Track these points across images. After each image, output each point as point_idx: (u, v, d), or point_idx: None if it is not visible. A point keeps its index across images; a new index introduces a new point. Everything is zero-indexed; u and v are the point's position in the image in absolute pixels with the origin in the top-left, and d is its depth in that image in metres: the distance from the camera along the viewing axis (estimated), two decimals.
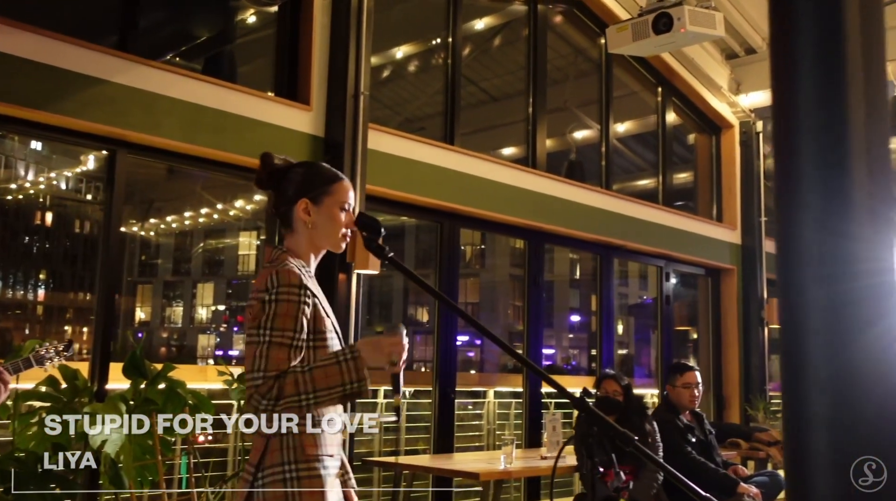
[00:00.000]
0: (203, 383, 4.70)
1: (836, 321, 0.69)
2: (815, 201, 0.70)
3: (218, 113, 4.22)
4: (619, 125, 8.31)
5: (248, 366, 1.75)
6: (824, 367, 0.68)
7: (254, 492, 1.76)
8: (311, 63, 4.61)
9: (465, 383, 7.48)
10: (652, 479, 4.14)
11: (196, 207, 13.35)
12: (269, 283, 1.83)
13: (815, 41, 0.72)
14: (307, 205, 1.97)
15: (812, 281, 0.69)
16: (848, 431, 0.67)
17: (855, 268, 0.69)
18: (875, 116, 0.71)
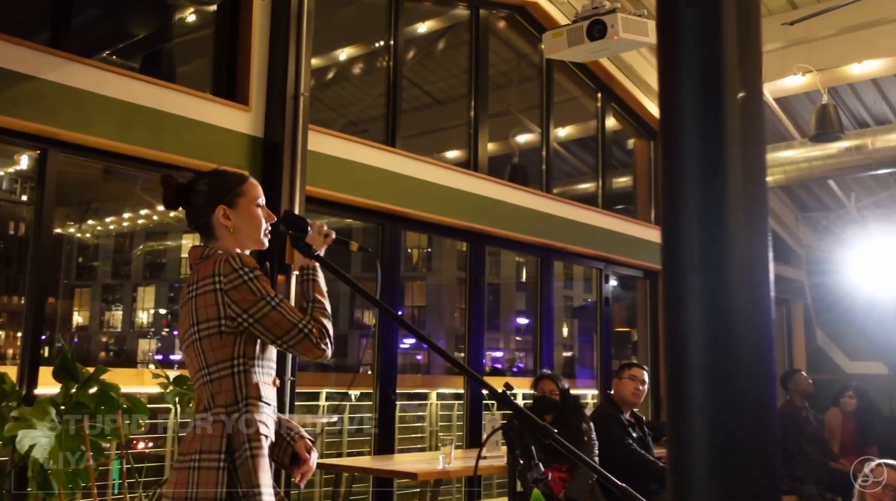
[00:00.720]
0: (139, 387, 4.62)
1: (713, 307, 0.74)
2: (695, 196, 0.74)
3: (154, 112, 4.16)
4: (561, 130, 8.43)
5: (285, 326, 1.91)
6: (702, 342, 0.73)
7: (224, 475, 1.84)
8: (251, 63, 4.59)
9: (409, 385, 7.49)
10: (587, 476, 4.22)
11: (135, 208, 13.08)
12: (229, 267, 1.91)
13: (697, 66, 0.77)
14: (225, 210, 2.03)
15: (690, 268, 0.73)
16: (725, 413, 0.72)
17: (730, 257, 0.74)
18: (749, 127, 0.76)
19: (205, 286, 1.93)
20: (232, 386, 1.91)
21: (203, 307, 1.92)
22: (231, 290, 1.90)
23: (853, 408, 6.70)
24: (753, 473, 0.73)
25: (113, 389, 3.72)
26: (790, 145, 7.60)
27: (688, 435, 0.74)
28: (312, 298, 2.00)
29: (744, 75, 0.77)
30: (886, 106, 7.72)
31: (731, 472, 0.72)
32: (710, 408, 0.73)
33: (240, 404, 1.90)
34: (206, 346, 1.93)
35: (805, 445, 6.13)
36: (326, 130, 5.02)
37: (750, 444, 0.73)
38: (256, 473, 1.87)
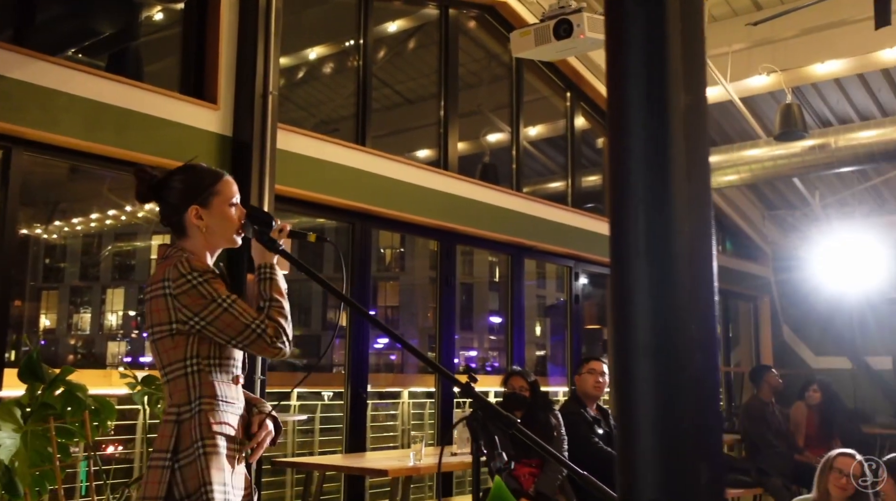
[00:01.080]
0: (108, 388, 4.58)
1: (659, 291, 0.76)
2: (641, 183, 0.77)
3: (121, 111, 4.13)
4: (531, 129, 8.49)
5: (237, 327, 1.90)
6: (648, 325, 0.75)
7: (174, 476, 1.85)
8: (219, 62, 4.57)
9: (381, 384, 7.50)
10: (556, 471, 4.27)
11: (103, 208, 12.92)
12: (177, 272, 1.91)
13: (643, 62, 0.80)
14: (198, 211, 2.01)
15: (636, 255, 0.76)
16: (670, 391, 0.75)
17: (674, 244, 0.76)
18: (693, 122, 0.79)
19: (156, 291, 1.94)
20: (185, 386, 1.92)
21: (156, 311, 1.93)
22: (180, 295, 1.90)
23: (817, 402, 6.83)
24: (698, 448, 0.76)
25: (80, 389, 3.68)
26: (756, 144, 7.72)
27: (635, 414, 0.77)
28: (270, 297, 1.99)
29: (687, 73, 0.80)
30: (849, 105, 7.88)
31: (676, 448, 0.75)
32: (656, 387, 0.76)
33: (192, 403, 1.91)
34: (160, 347, 1.95)
35: (771, 438, 6.23)
36: (296, 128, 5.02)
37: (694, 421, 0.76)
38: (208, 470, 1.86)
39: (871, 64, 6.70)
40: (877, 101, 7.74)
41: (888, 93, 7.58)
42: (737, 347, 10.49)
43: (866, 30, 5.72)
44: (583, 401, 4.76)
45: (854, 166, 7.51)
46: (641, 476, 0.75)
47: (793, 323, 10.21)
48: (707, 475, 0.75)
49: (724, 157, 7.94)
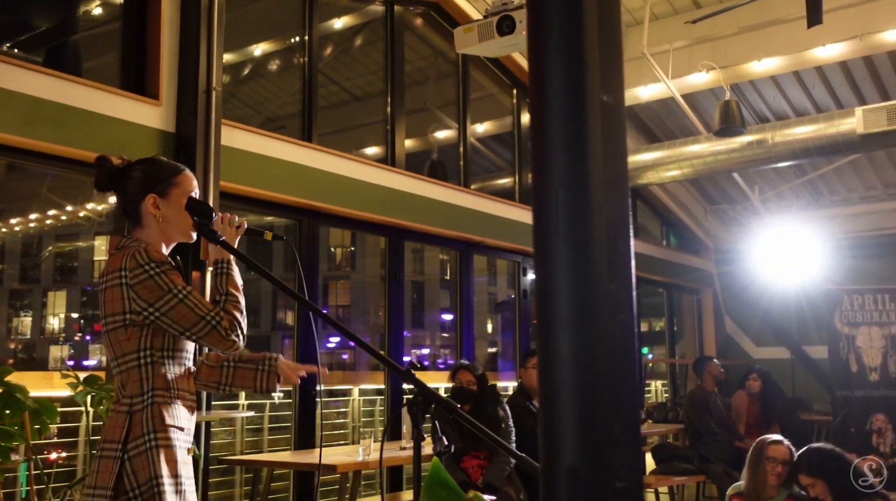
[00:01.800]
0: (49, 390, 4.49)
1: (578, 268, 0.80)
2: (561, 167, 0.80)
3: (59, 106, 4.05)
4: (479, 126, 8.56)
5: (192, 319, 1.90)
6: (569, 305, 0.79)
7: (123, 466, 1.84)
8: (160, 57, 4.51)
9: (330, 381, 7.47)
10: (504, 462, 4.32)
11: (42, 209, 12.59)
12: (134, 261, 1.91)
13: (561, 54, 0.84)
14: (155, 199, 2.02)
15: (556, 235, 0.79)
16: (589, 366, 0.78)
17: (593, 225, 0.80)
18: (610, 110, 0.83)
19: (112, 280, 1.93)
20: (138, 377, 1.92)
21: (110, 301, 1.93)
22: (137, 285, 1.90)
23: (757, 390, 7.04)
24: (616, 418, 0.80)
25: (19, 391, 3.61)
26: (697, 140, 7.91)
27: (556, 386, 0.80)
28: (226, 291, 2.01)
29: (605, 65, 0.84)
30: (785, 102, 8.12)
31: (595, 418, 0.79)
32: (576, 362, 0.80)
33: (145, 395, 1.91)
34: (113, 339, 1.94)
35: (713, 427, 6.40)
36: (241, 125, 4.98)
37: (612, 394, 0.80)
38: (159, 463, 1.86)
39: (805, 62, 6.92)
40: (811, 98, 7.99)
41: (822, 90, 7.84)
42: (681, 339, 10.73)
43: (800, 28, 5.91)
44: (529, 394, 4.83)
45: (791, 161, 7.74)
46: (562, 444, 0.79)
47: (734, 315, 10.48)
48: (625, 445, 0.79)
49: (666, 152, 8.11)
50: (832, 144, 7.12)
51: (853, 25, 6.34)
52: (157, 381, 1.92)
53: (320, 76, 8.62)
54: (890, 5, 6.28)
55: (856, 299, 7.72)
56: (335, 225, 6.12)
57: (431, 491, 1.23)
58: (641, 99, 7.72)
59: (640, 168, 8.33)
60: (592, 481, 0.78)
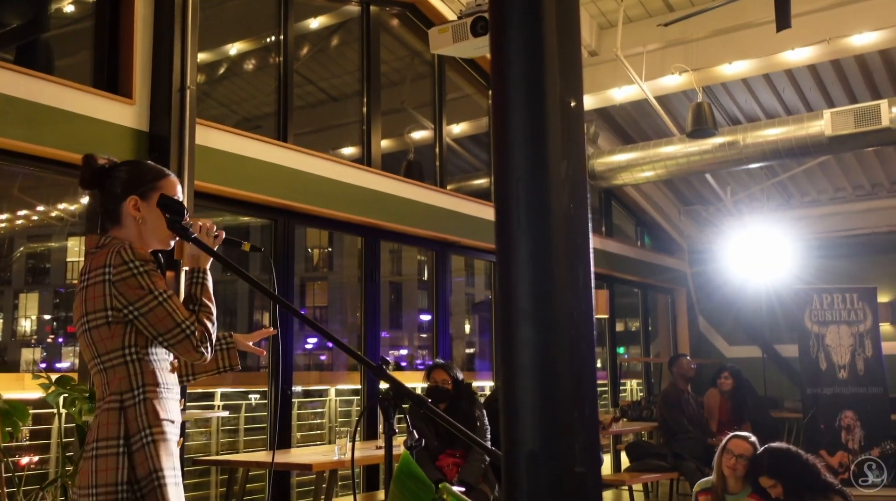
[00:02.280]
0: (20, 392, 4.44)
1: (537, 259, 0.83)
2: (522, 164, 0.83)
3: (30, 104, 4.02)
4: (455, 126, 8.59)
5: (168, 324, 1.91)
6: (529, 295, 0.82)
7: (124, 459, 1.86)
8: (134, 56, 4.49)
9: (307, 382, 7.47)
10: (480, 461, 4.35)
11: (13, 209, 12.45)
12: (119, 258, 1.91)
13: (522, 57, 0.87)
14: (136, 201, 2.04)
15: (517, 228, 0.82)
16: (548, 354, 0.81)
17: (552, 219, 0.83)
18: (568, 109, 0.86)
19: (96, 277, 1.94)
20: (126, 374, 1.93)
21: (93, 298, 1.93)
22: (119, 282, 1.91)
23: (729, 388, 7.14)
24: (574, 405, 0.83)
25: None
26: (670, 141, 8.00)
27: (516, 373, 0.83)
28: (199, 301, 2.02)
29: (563, 67, 0.87)
30: (756, 104, 8.24)
31: (554, 405, 0.82)
32: (535, 350, 0.83)
33: (135, 390, 1.92)
34: (95, 336, 1.94)
35: (686, 424, 6.48)
36: (216, 124, 4.96)
37: (571, 380, 0.83)
38: (158, 457, 1.89)
39: (775, 65, 7.03)
40: (781, 100, 8.12)
41: (792, 93, 7.96)
42: (656, 338, 10.83)
43: (771, 32, 6.00)
44: None
45: (762, 163, 7.86)
46: (521, 430, 0.82)
47: (708, 314, 10.61)
48: (583, 431, 0.82)
49: (640, 153, 8.20)
50: (801, 146, 7.24)
51: (821, 30, 6.46)
52: (147, 376, 1.93)
53: (296, 76, 8.59)
54: (857, 11, 6.40)
55: (825, 299, 7.85)
56: (311, 225, 6.12)
57: (401, 483, 1.25)
58: (615, 100, 7.80)
59: (615, 169, 8.41)
60: (551, 465, 0.80)
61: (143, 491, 1.85)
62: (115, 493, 1.83)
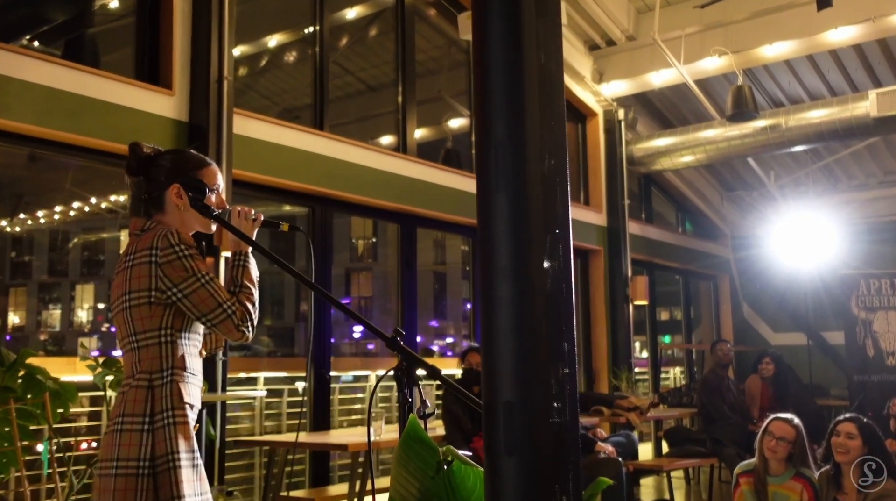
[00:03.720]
0: (72, 375, 4.61)
1: (516, 218, 0.87)
2: (500, 127, 0.87)
3: (75, 97, 4.17)
4: None
5: (210, 304, 1.98)
6: (507, 255, 0.86)
7: (148, 437, 1.92)
8: (173, 48, 4.61)
9: (349, 368, 7.58)
10: None
11: (67, 201, 12.83)
12: (166, 242, 1.99)
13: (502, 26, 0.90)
14: (179, 189, 2.11)
15: (496, 190, 0.87)
16: (525, 310, 0.85)
17: (530, 181, 0.87)
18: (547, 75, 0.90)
19: (141, 258, 2.01)
20: (158, 354, 1.99)
21: (137, 278, 2.00)
22: (165, 264, 1.98)
23: (770, 374, 7.05)
24: (550, 359, 0.87)
25: (40, 372, 3.73)
26: (710, 125, 7.90)
27: (496, 328, 0.87)
28: (241, 283, 2.09)
29: (541, 36, 0.90)
30: (800, 86, 8.08)
31: (531, 358, 0.86)
32: (513, 304, 0.87)
33: (164, 372, 1.98)
34: (135, 315, 2.01)
35: (726, 410, 6.43)
36: (253, 114, 5.07)
37: (547, 335, 0.87)
38: (176, 439, 1.95)
39: (817, 45, 6.89)
40: (826, 81, 7.95)
41: (837, 73, 7.79)
42: (698, 326, 10.72)
43: (812, 12, 5.90)
44: None
45: (805, 146, 7.71)
46: (500, 381, 0.86)
47: (751, 301, 10.46)
48: (559, 384, 0.86)
49: (680, 138, 8.11)
50: (846, 128, 7.09)
51: (865, 8, 6.31)
52: (177, 360, 2.00)
53: (334, 66, 8.69)
54: None
55: (872, 284, 7.68)
56: (347, 212, 6.21)
57: (407, 446, 1.30)
58: (654, 85, 7.73)
59: (654, 154, 8.34)
60: (526, 415, 0.85)
61: (157, 470, 1.92)
62: (137, 468, 1.90)
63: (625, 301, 7.93)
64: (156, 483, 1.93)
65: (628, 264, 8.06)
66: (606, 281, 8.05)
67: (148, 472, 1.92)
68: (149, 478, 1.92)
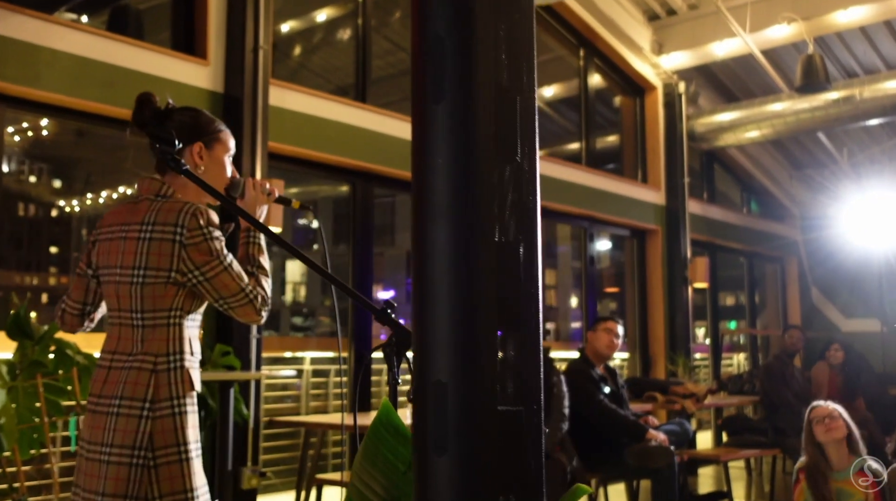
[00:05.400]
0: None
1: (459, 146, 0.66)
2: (445, 25, 0.67)
3: (108, 67, 4.08)
4: (547, 89, 8.31)
5: (233, 288, 1.86)
6: (447, 188, 0.65)
7: (140, 425, 1.78)
8: (208, 17, 4.49)
9: None
10: (555, 428, 4.17)
11: (129, 182, 13.05)
12: (195, 222, 1.86)
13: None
14: (201, 148, 1.99)
15: (435, 102, 0.66)
16: (466, 260, 0.65)
17: (478, 93, 0.66)
18: None
19: (163, 233, 1.86)
20: (166, 336, 1.86)
21: (156, 254, 1.86)
22: (191, 246, 1.85)
23: (839, 361, 6.63)
24: (498, 325, 0.66)
25: (69, 347, 3.67)
26: (778, 98, 7.45)
27: (430, 284, 0.67)
28: (258, 263, 1.97)
29: None
30: (875, 55, 7.55)
31: (471, 324, 0.65)
32: (451, 253, 0.66)
33: (171, 356, 1.85)
34: (146, 292, 1.86)
35: (791, 398, 6.06)
36: (291, 84, 4.93)
37: (494, 294, 0.66)
38: (185, 429, 1.82)
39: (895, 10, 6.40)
40: None
41: None
42: (763, 310, 10.25)
43: None
44: (591, 361, 4.66)
45: (881, 118, 7.21)
46: (430, 356, 0.65)
47: (821, 285, 9.93)
48: (513, 361, 0.65)
49: (745, 112, 7.68)
50: None
51: None
52: (184, 343, 1.88)
53: (387, 42, 8.51)
54: None
55: None
56: (389, 188, 6.03)
57: (377, 435, 1.11)
58: (717, 56, 7.31)
59: (717, 130, 7.93)
60: (465, 401, 0.64)
61: (158, 462, 1.77)
62: (131, 456, 1.77)
63: (683, 284, 7.57)
64: (157, 476, 1.78)
65: (688, 244, 7.69)
66: (664, 263, 7.70)
67: (142, 462, 1.78)
68: (143, 469, 1.78)
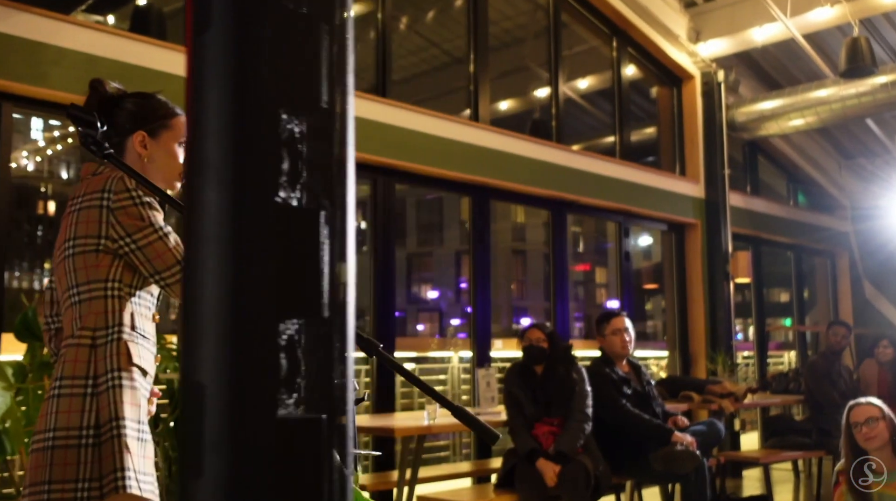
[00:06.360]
0: None
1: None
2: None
3: (117, 64, 4.04)
4: (581, 81, 8.11)
5: (168, 260, 1.74)
6: (217, 146, 0.52)
7: (85, 403, 1.68)
8: None
9: (426, 348, 7.34)
10: (578, 430, 4.00)
11: None
12: (122, 185, 1.76)
13: None
14: (144, 138, 1.90)
15: (206, 32, 0.52)
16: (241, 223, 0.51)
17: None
18: None
19: (91, 200, 1.77)
20: (104, 309, 1.75)
21: (84, 222, 1.77)
22: (119, 210, 1.75)
23: (889, 359, 6.29)
24: (277, 298, 0.52)
25: None
26: (822, 84, 7.13)
27: (199, 254, 0.53)
28: None
29: None
30: None
31: (245, 308, 0.52)
32: (224, 215, 0.53)
33: (109, 329, 1.74)
34: (78, 263, 1.77)
35: (836, 397, 5.76)
36: None
37: (276, 259, 0.52)
38: (121, 404, 1.69)
39: None
40: None
41: None
42: (813, 307, 9.85)
43: None
44: (611, 360, 4.47)
45: None
46: (192, 348, 0.52)
47: (874, 279, 9.50)
48: (306, 356, 0.51)
49: (788, 100, 7.37)
50: None
51: None
52: (124, 316, 1.76)
53: (419, 38, 8.40)
54: None
55: None
56: (411, 183, 5.91)
57: None
58: (757, 42, 7.02)
59: (759, 119, 7.63)
60: (230, 408, 0.50)
61: (101, 439, 1.66)
62: (78, 437, 1.65)
63: (725, 279, 7.29)
64: (100, 454, 1.66)
65: (729, 238, 7.40)
66: (704, 257, 7.43)
67: (92, 441, 1.66)
68: (93, 448, 1.66)
